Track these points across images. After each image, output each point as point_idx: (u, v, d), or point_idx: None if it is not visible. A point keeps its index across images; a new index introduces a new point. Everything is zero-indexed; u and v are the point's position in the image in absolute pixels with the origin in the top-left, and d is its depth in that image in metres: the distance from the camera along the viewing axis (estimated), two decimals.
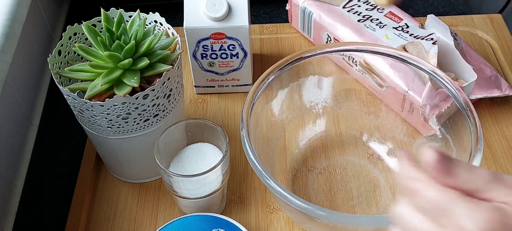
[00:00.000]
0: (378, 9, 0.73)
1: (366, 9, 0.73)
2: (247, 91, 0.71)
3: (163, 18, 0.59)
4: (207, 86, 0.72)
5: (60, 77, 0.56)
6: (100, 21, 0.58)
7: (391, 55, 0.59)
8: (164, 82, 0.54)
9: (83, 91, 0.54)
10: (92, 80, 0.53)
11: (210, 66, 0.69)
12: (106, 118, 0.54)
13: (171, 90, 0.56)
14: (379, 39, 0.69)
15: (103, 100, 0.52)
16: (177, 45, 0.58)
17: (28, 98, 0.69)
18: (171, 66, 0.55)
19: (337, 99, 0.65)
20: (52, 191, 0.66)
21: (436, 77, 0.57)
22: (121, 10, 0.57)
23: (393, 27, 0.71)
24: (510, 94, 0.68)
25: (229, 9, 0.65)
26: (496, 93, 0.68)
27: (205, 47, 0.67)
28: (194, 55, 0.68)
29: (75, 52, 0.58)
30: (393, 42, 0.68)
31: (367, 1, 0.74)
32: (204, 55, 0.68)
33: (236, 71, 0.70)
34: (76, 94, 0.53)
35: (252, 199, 0.62)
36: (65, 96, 0.54)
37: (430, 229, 0.32)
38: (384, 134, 0.65)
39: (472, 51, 0.71)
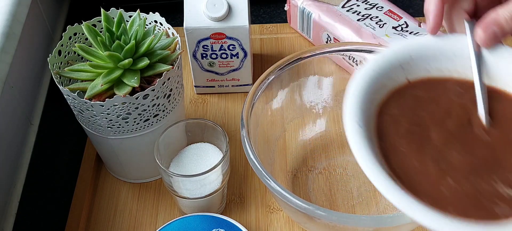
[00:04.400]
0: (377, 7, 0.73)
1: (365, 9, 0.73)
2: (247, 91, 0.71)
3: (163, 18, 0.59)
4: (207, 86, 0.72)
5: (60, 77, 0.56)
6: (100, 21, 0.58)
7: None
8: (164, 82, 0.54)
9: (83, 91, 0.54)
10: (92, 80, 0.53)
11: (210, 66, 0.69)
12: (106, 118, 0.54)
13: (171, 90, 0.56)
14: (379, 38, 0.69)
15: (103, 100, 0.52)
16: (177, 45, 0.58)
17: (28, 98, 0.69)
18: (171, 66, 0.55)
19: (337, 99, 0.65)
20: (52, 191, 0.66)
21: None
22: (121, 10, 0.57)
23: (393, 26, 0.71)
24: None
25: (229, 9, 0.65)
26: None
27: (205, 47, 0.67)
28: (194, 55, 0.68)
29: (75, 52, 0.58)
30: (393, 41, 0.68)
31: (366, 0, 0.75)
32: (204, 55, 0.68)
33: (236, 71, 0.70)
34: (76, 94, 0.53)
35: (252, 199, 0.62)
36: (65, 96, 0.54)
37: None
38: None
39: None
